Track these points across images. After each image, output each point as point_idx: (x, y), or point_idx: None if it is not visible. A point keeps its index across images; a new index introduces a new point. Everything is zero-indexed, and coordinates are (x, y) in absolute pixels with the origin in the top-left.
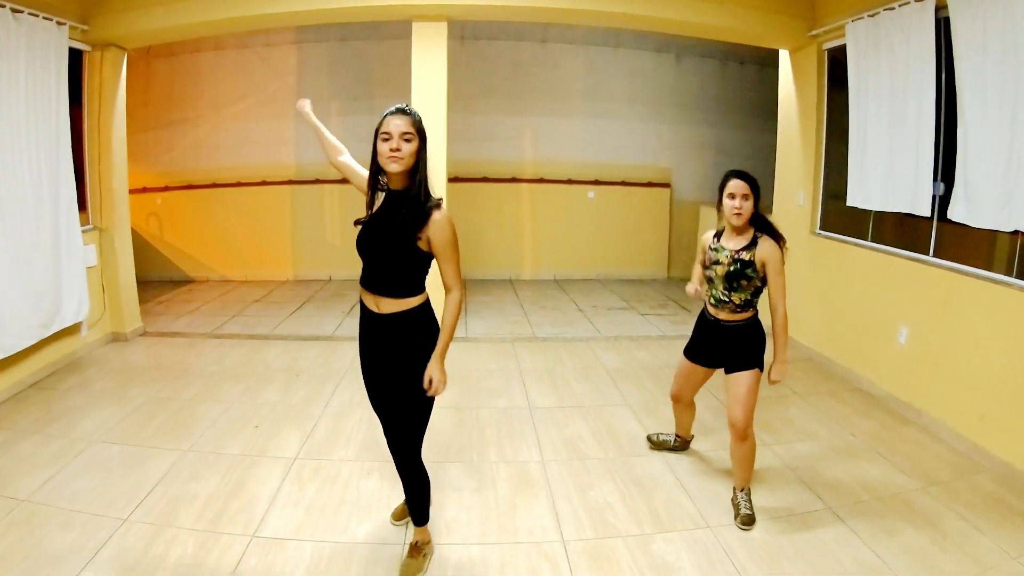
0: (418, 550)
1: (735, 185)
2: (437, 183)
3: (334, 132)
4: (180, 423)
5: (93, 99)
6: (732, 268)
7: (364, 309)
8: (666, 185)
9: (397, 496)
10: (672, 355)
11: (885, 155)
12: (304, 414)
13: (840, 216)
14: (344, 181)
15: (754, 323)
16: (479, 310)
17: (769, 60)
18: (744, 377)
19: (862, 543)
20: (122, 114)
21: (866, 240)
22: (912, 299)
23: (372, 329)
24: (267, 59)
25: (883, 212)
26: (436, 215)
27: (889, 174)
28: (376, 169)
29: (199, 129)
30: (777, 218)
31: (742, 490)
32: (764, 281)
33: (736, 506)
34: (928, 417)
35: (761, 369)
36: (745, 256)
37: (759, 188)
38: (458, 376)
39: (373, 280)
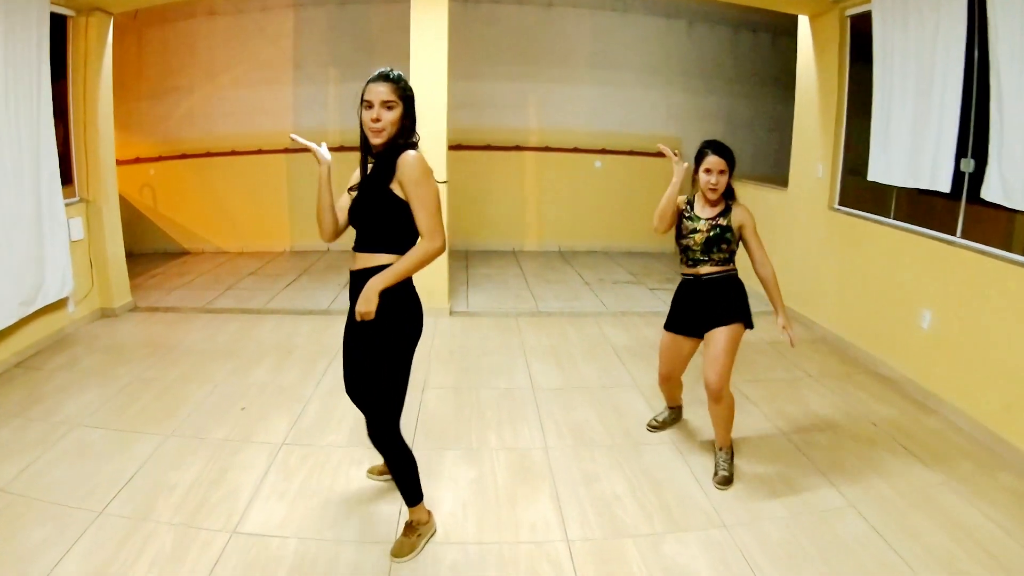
0: (412, 529)
1: (713, 161)
2: (437, 151)
3: (331, 99)
4: (166, 405)
5: (78, 67)
6: (712, 234)
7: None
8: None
9: (389, 485)
10: None
11: (909, 128)
12: (294, 395)
13: (860, 191)
14: (343, 149)
15: (734, 277)
16: (480, 283)
17: (783, 29)
18: (723, 333)
19: (886, 544)
20: (108, 82)
21: (888, 217)
22: (937, 281)
23: (350, 292)
24: (262, 24)
25: (907, 189)
26: (406, 154)
27: (913, 148)
28: (365, 134)
29: (193, 97)
30: (793, 192)
31: (721, 449)
32: (738, 244)
33: (716, 466)
34: (950, 406)
35: (746, 325)
36: (722, 222)
37: (735, 161)
38: (457, 353)
39: (357, 239)
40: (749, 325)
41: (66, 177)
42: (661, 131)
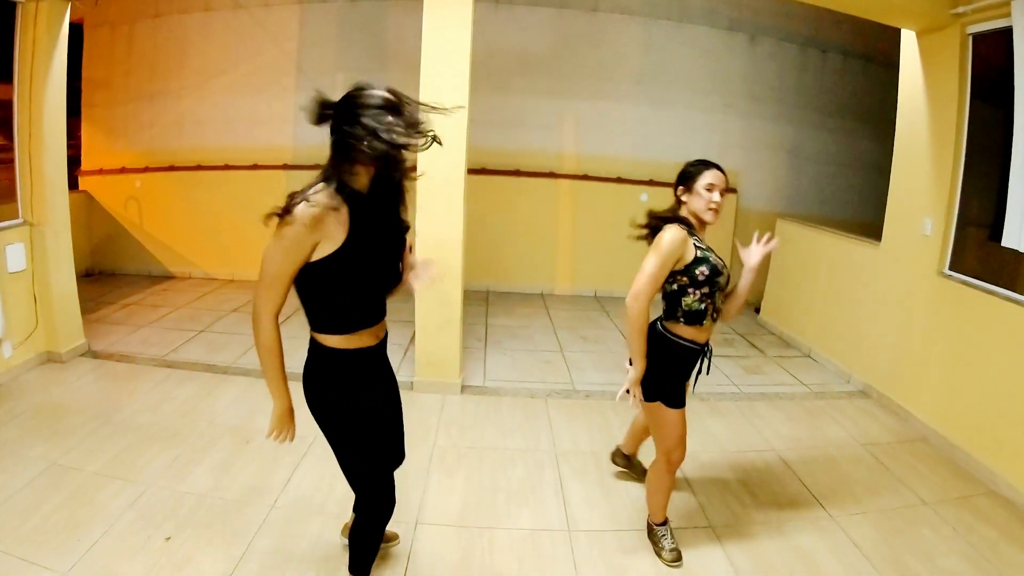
0: None
1: (715, 176)
2: (454, 175)
3: None
4: (73, 518)
5: (25, 62)
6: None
7: (365, 354)
8: (732, 190)
9: None
10: (758, 427)
11: None
12: (239, 519)
13: (981, 255)
14: None
15: None
16: (502, 339)
17: (855, 50)
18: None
19: None
20: (61, 81)
21: (1018, 293)
22: None
23: (380, 366)
24: (263, 22)
25: None
26: None
27: None
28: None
29: (182, 103)
30: (888, 248)
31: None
32: None
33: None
34: None
35: None
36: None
37: None
38: (467, 457)
39: (380, 308)
40: None
41: (8, 196)
42: (717, 161)
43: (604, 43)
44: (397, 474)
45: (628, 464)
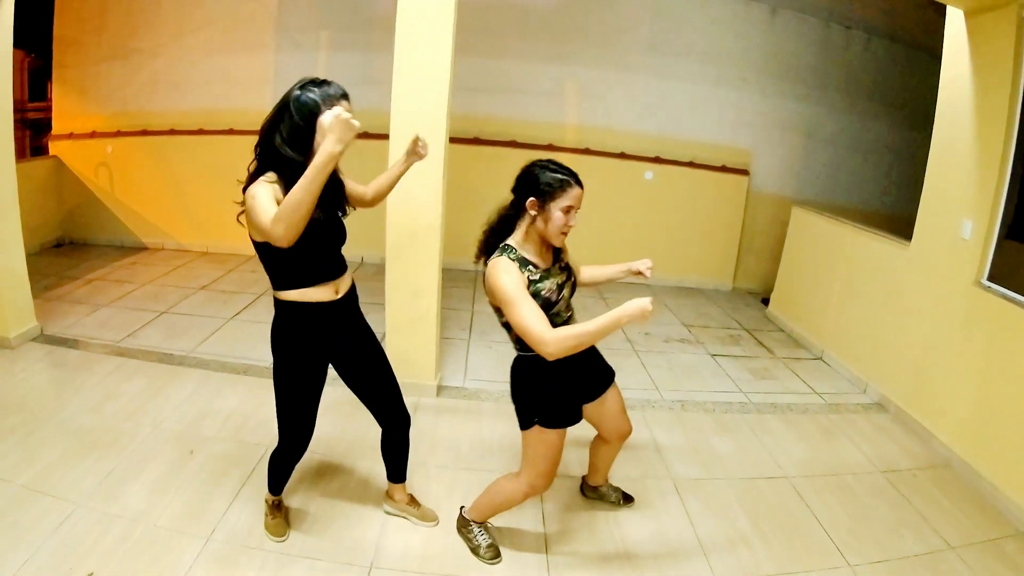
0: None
1: (578, 198)
2: (434, 142)
3: (321, 71)
4: None
5: None
6: (572, 280)
7: (322, 308)
8: (743, 172)
9: None
10: (769, 447)
11: None
12: (171, 549)
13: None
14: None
15: None
16: (487, 329)
17: (882, 29)
18: (615, 384)
19: None
20: (6, 35)
21: None
22: None
23: (342, 320)
24: None
25: None
26: None
27: None
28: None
29: (157, 61)
30: (919, 251)
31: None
32: None
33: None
34: None
35: None
36: (564, 260)
37: None
38: (437, 481)
39: (338, 263)
40: None
41: None
42: (729, 140)
43: (612, 5)
44: (354, 498)
45: (600, 495)
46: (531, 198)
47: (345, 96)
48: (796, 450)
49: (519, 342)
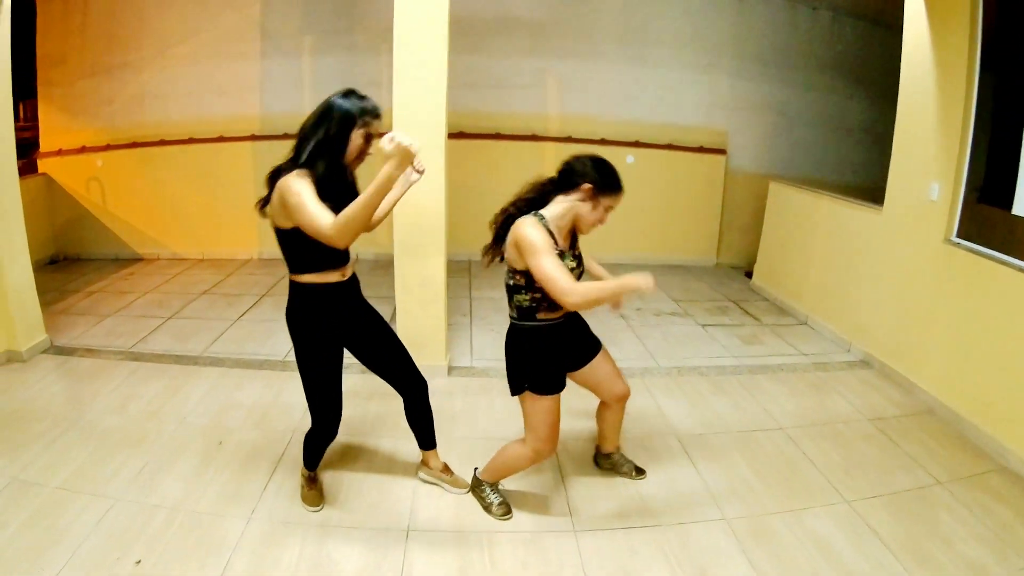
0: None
1: (619, 203)
2: (434, 140)
3: (306, 76)
4: (36, 542)
5: None
6: (581, 270)
7: (334, 288)
8: (721, 151)
9: None
10: (763, 403)
11: None
12: (213, 534)
13: (990, 222)
14: None
15: None
16: (487, 314)
17: (846, 7)
18: (605, 351)
19: None
20: (4, 57)
21: None
22: None
23: (350, 299)
24: None
25: None
26: None
27: None
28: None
29: (143, 75)
30: (891, 215)
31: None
32: None
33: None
34: None
35: None
36: (578, 250)
37: None
38: (459, 450)
39: (346, 249)
40: None
41: None
42: (705, 122)
43: (585, 1)
44: (383, 471)
45: (613, 464)
46: (590, 184)
47: (378, 115)
48: (788, 405)
49: (518, 310)
